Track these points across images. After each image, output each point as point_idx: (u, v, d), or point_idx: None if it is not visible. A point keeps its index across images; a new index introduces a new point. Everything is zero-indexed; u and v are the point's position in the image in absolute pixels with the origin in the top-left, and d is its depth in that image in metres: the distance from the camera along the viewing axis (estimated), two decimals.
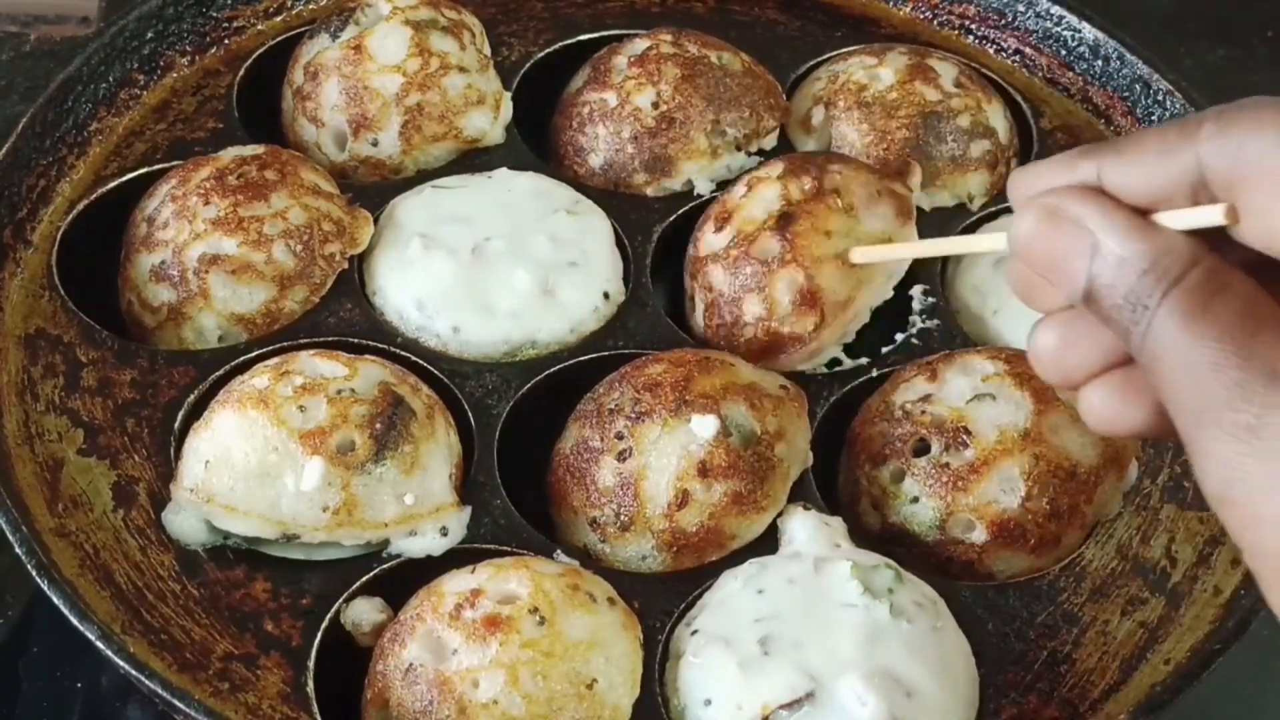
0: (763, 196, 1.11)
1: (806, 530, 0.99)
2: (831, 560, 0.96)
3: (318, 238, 1.12)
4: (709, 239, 1.13)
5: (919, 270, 1.17)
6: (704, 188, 1.22)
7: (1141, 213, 0.68)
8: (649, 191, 1.22)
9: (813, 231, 1.08)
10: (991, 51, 1.38)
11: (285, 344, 1.09)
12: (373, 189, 1.20)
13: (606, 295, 1.14)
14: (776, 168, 1.14)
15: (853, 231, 1.10)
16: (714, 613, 0.95)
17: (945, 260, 1.19)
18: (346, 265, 1.14)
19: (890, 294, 1.13)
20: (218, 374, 1.07)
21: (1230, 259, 0.67)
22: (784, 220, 1.09)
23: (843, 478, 1.08)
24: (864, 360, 1.13)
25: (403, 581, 0.97)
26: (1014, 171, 0.75)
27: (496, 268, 1.12)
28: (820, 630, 0.91)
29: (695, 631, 0.94)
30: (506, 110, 1.26)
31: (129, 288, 1.14)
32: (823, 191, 1.10)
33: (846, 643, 0.90)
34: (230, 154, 1.17)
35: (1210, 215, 0.66)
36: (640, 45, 1.27)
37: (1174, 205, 0.68)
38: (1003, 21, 1.37)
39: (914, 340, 1.14)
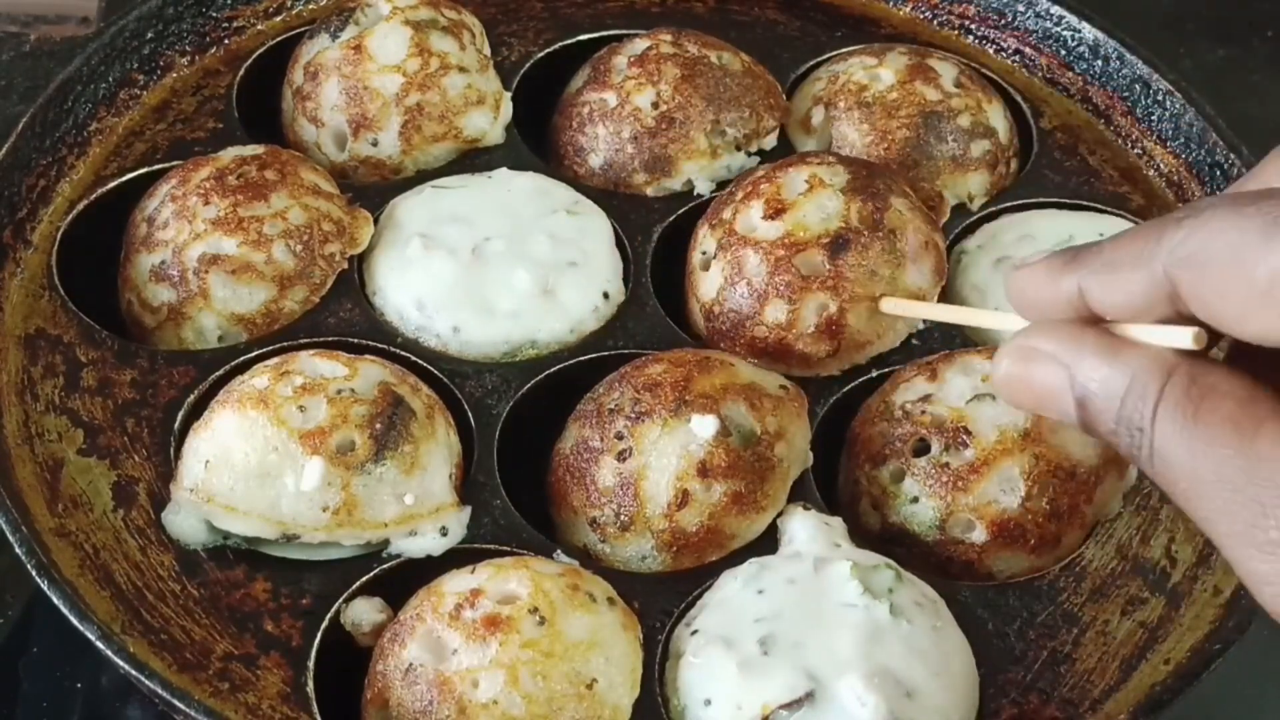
0: (822, 204, 1.10)
1: (806, 530, 0.99)
2: (831, 560, 0.96)
3: (318, 238, 1.12)
4: (754, 220, 1.11)
5: None
6: (704, 188, 1.22)
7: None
8: (649, 191, 1.22)
9: (861, 267, 1.08)
10: (991, 51, 1.38)
11: (285, 344, 1.09)
12: (373, 189, 1.20)
13: (606, 295, 1.14)
14: (840, 174, 1.11)
15: (896, 280, 1.09)
16: (714, 613, 0.95)
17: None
18: (346, 265, 1.14)
19: (898, 344, 1.12)
20: (218, 374, 1.07)
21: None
22: (838, 244, 1.08)
23: (843, 478, 1.08)
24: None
25: (403, 581, 0.97)
26: (1009, 275, 0.76)
27: (496, 268, 1.12)
28: (820, 630, 0.91)
29: (695, 631, 0.94)
30: (506, 110, 1.26)
31: (129, 288, 1.14)
32: (881, 227, 1.09)
33: (846, 643, 0.90)
34: (230, 154, 1.17)
35: (1180, 338, 0.67)
36: (640, 45, 1.26)
37: (1156, 310, 0.68)
38: (1003, 21, 1.37)
39: (914, 340, 1.13)
